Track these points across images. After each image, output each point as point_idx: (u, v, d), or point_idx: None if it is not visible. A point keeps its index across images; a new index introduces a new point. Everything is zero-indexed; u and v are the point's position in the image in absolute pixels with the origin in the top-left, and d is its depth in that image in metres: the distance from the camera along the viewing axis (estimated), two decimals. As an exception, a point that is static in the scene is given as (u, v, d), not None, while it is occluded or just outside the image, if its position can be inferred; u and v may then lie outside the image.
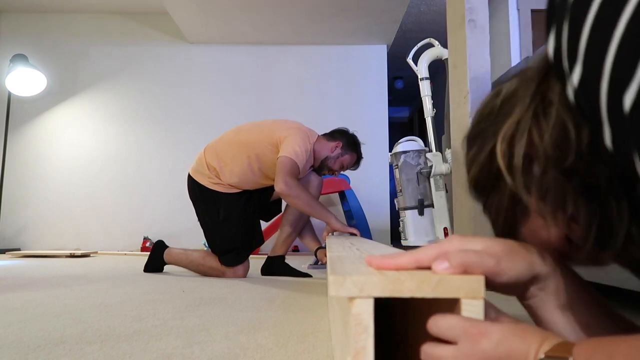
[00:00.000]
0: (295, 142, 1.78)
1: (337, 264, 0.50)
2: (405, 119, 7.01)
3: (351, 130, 2.05)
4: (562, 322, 0.42)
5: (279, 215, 2.15)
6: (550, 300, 0.42)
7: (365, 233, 3.19)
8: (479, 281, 0.37)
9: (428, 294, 0.37)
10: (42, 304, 1.16)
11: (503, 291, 0.43)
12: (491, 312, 0.40)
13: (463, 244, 0.41)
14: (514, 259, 0.40)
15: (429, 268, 0.40)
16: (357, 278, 0.37)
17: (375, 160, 3.82)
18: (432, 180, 1.92)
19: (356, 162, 2.03)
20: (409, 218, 1.92)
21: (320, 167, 1.98)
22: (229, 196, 1.90)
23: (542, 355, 0.32)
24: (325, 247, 1.77)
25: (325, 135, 2.01)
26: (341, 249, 0.84)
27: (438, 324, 0.38)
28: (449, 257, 0.39)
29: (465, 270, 0.38)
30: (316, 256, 2.05)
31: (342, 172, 2.26)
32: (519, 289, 0.42)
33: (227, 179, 1.89)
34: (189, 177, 1.98)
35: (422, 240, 1.89)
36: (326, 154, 1.95)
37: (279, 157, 1.76)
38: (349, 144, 1.98)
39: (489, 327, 0.36)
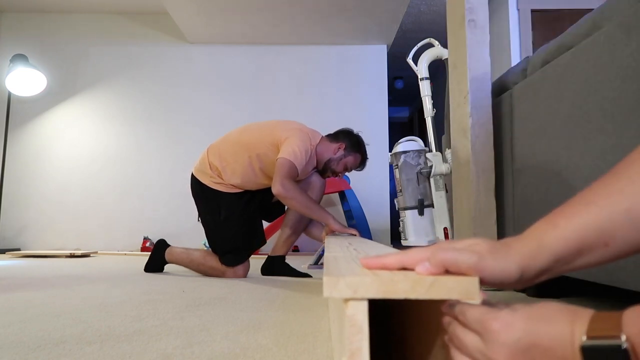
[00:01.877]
0: (294, 144, 1.78)
1: (332, 264, 0.50)
2: (405, 119, 7.01)
3: (356, 131, 2.04)
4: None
5: (281, 216, 2.15)
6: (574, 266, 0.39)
7: (365, 233, 3.19)
8: (472, 282, 0.37)
9: (422, 295, 0.37)
10: (42, 304, 1.16)
11: (509, 287, 0.41)
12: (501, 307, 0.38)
13: (447, 245, 0.41)
14: (497, 257, 0.38)
15: (412, 269, 0.40)
16: (351, 279, 0.37)
17: (375, 160, 3.81)
18: (432, 180, 1.92)
19: (361, 163, 2.02)
20: (409, 218, 1.92)
21: (323, 169, 1.96)
22: (230, 196, 1.90)
23: (584, 339, 0.28)
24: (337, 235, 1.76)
25: (328, 136, 2.00)
26: (338, 249, 0.84)
27: (465, 314, 0.37)
28: (429, 258, 0.39)
29: (446, 269, 0.38)
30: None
31: (345, 174, 2.25)
32: (523, 282, 0.39)
33: (229, 178, 1.89)
34: (192, 176, 1.98)
35: (422, 240, 1.89)
36: (329, 156, 1.94)
37: (277, 159, 1.76)
38: (352, 144, 1.96)
39: (509, 318, 0.34)
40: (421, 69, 2.10)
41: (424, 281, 0.37)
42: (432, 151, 2.01)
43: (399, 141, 2.03)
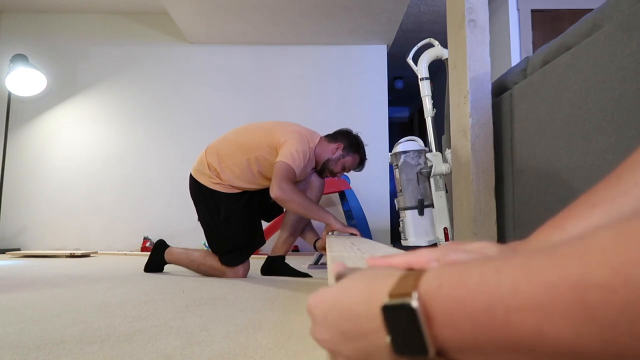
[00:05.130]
0: (293, 147, 1.78)
1: None
2: (405, 119, 7.01)
3: (355, 131, 2.04)
4: None
5: (280, 215, 2.15)
6: None
7: (365, 233, 3.18)
8: None
9: None
10: (42, 304, 1.16)
11: None
12: None
13: (456, 247, 0.41)
14: None
15: None
16: None
17: (375, 160, 3.82)
18: (432, 180, 1.92)
19: (360, 164, 2.02)
20: (409, 218, 1.92)
21: (321, 169, 1.97)
22: (229, 196, 1.90)
23: (386, 299, 0.26)
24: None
25: (327, 136, 2.00)
26: (342, 249, 0.84)
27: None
28: (438, 259, 0.39)
29: None
30: (315, 248, 2.05)
31: (345, 174, 2.25)
32: None
33: (228, 179, 1.89)
34: (191, 177, 1.98)
35: (422, 240, 1.89)
36: (327, 156, 1.94)
37: (275, 162, 1.76)
38: (351, 145, 1.96)
39: (321, 293, 0.32)
40: (421, 69, 2.09)
41: None
42: (432, 151, 2.01)
43: (399, 141, 2.03)
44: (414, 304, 0.24)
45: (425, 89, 2.10)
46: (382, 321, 0.25)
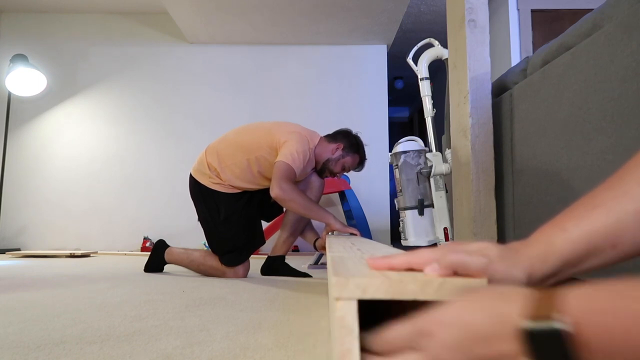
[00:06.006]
0: (293, 147, 1.78)
1: (339, 265, 0.50)
2: (405, 119, 7.01)
3: (354, 131, 2.04)
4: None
5: (280, 215, 2.15)
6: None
7: (365, 233, 3.18)
8: (481, 284, 0.37)
9: (431, 297, 0.36)
10: (42, 304, 1.16)
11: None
12: None
13: (457, 247, 0.41)
14: (507, 263, 0.38)
15: (420, 270, 0.40)
16: (360, 280, 0.37)
17: (375, 160, 3.82)
18: (432, 180, 1.92)
19: (359, 164, 2.02)
20: (409, 218, 1.92)
21: (321, 169, 1.97)
22: (229, 196, 1.90)
23: (523, 321, 0.25)
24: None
25: (327, 136, 2.00)
26: (342, 249, 0.84)
27: (387, 338, 0.35)
28: (438, 260, 0.39)
29: (455, 271, 0.38)
30: (315, 247, 2.05)
31: (344, 174, 2.25)
32: (530, 286, 0.39)
33: (228, 179, 1.89)
34: (191, 177, 1.98)
35: (422, 241, 1.89)
36: (327, 157, 1.94)
37: (275, 162, 1.76)
38: (350, 145, 1.96)
39: (441, 315, 0.31)
40: (421, 69, 2.09)
41: (433, 282, 0.36)
42: (432, 151, 2.01)
43: (399, 141, 2.03)
44: (566, 328, 0.23)
45: (425, 89, 2.09)
46: (520, 344, 0.25)
